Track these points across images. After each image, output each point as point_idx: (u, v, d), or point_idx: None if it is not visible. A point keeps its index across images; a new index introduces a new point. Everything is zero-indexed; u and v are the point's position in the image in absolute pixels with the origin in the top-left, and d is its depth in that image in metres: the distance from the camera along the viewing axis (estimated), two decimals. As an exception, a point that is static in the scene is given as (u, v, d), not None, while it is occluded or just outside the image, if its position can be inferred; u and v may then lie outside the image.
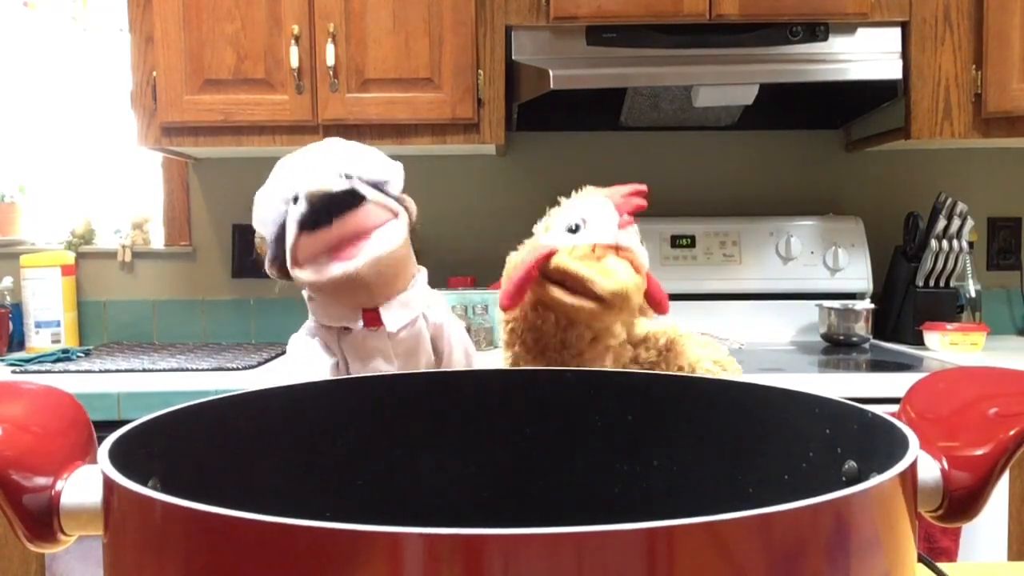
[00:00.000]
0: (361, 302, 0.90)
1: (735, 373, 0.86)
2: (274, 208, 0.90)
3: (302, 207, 0.85)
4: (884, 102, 2.04)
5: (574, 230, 0.76)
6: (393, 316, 0.91)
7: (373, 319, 0.91)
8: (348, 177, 0.87)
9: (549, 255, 0.75)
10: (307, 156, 0.92)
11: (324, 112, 1.90)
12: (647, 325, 0.88)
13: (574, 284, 0.74)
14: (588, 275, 0.73)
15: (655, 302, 0.78)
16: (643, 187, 0.82)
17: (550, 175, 2.28)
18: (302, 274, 0.87)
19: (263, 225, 0.92)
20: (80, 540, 0.38)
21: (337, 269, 0.85)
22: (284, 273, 0.91)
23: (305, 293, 0.94)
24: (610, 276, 0.72)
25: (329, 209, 0.84)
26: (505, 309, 0.80)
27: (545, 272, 0.75)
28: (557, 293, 0.75)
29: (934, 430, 0.41)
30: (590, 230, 0.76)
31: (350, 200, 0.84)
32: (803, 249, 2.16)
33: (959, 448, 0.39)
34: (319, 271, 0.86)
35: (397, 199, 0.90)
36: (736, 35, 1.90)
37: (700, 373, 0.82)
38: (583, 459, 0.54)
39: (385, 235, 0.87)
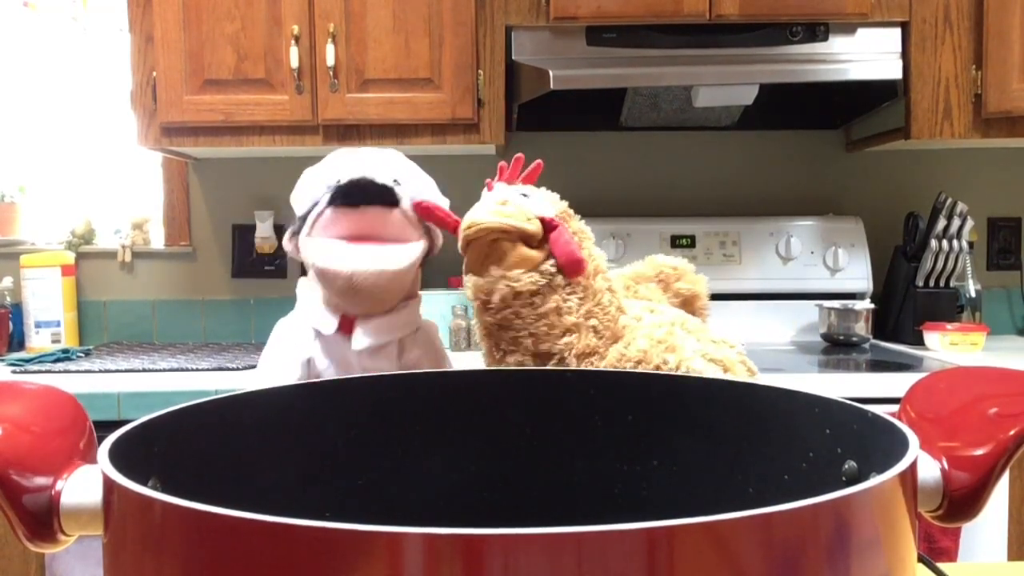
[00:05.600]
0: (346, 305, 0.90)
1: (734, 375, 0.87)
2: (315, 187, 0.92)
3: (341, 183, 0.87)
4: (884, 102, 2.04)
5: (524, 196, 0.89)
6: (364, 333, 0.90)
7: (347, 328, 0.91)
8: (396, 183, 0.90)
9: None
10: (366, 154, 0.96)
11: (324, 112, 1.90)
12: (651, 318, 0.90)
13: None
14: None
15: (561, 263, 0.85)
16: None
17: (550, 175, 2.28)
18: (311, 247, 0.88)
19: (299, 198, 0.94)
20: (80, 540, 0.38)
21: (341, 263, 0.85)
22: (298, 248, 0.93)
23: (302, 281, 0.95)
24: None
25: (365, 194, 0.86)
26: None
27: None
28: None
29: (934, 430, 0.41)
30: (534, 200, 0.89)
31: (386, 196, 0.87)
32: (803, 249, 2.16)
33: (959, 448, 0.39)
34: (327, 252, 0.87)
35: (428, 227, 0.93)
36: (736, 35, 1.90)
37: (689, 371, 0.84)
38: (583, 459, 0.54)
39: (398, 253, 0.88)
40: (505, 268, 0.84)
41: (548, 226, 0.86)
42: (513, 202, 0.87)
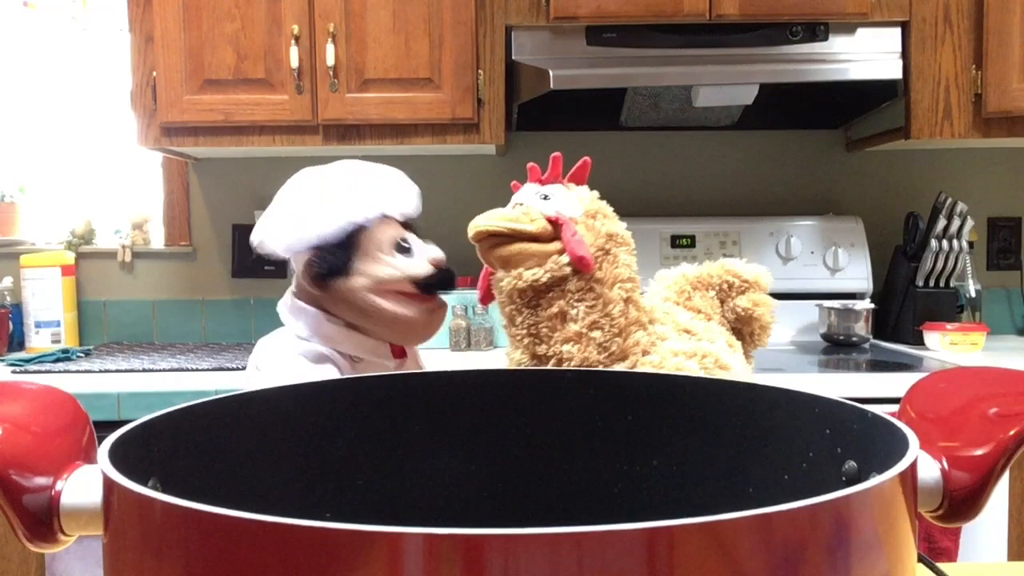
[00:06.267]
0: (404, 343, 0.99)
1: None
2: (338, 222, 0.95)
3: (424, 268, 0.96)
4: (884, 102, 2.04)
5: (545, 198, 0.87)
6: (417, 359, 1.02)
7: (398, 355, 1.00)
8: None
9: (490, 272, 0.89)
10: (380, 179, 1.00)
11: (324, 112, 1.90)
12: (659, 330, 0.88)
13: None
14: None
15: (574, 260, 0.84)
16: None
17: (550, 175, 2.28)
18: (389, 305, 0.94)
19: (315, 233, 0.95)
20: (80, 540, 0.38)
21: (420, 312, 0.95)
22: (324, 280, 0.94)
23: (329, 319, 0.96)
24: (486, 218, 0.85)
25: (447, 284, 0.98)
26: (484, 304, 0.92)
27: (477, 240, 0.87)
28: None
29: (934, 430, 0.41)
30: (555, 200, 0.87)
31: (453, 285, 0.99)
32: (803, 249, 2.16)
33: (959, 448, 0.39)
34: (408, 306, 0.95)
35: None
36: (736, 35, 1.90)
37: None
38: (583, 459, 0.54)
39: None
40: (511, 266, 0.84)
41: (556, 224, 0.85)
42: (527, 203, 0.86)
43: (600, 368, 0.83)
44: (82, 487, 0.37)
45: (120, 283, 2.30)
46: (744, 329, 0.97)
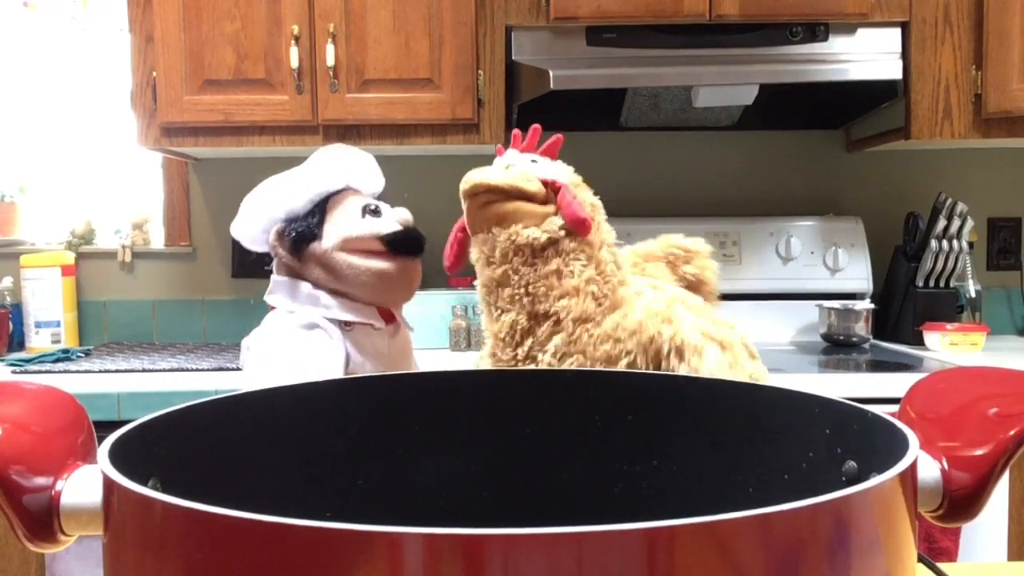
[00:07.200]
0: (385, 301, 0.99)
1: (733, 354, 0.87)
2: (306, 194, 1.00)
3: (392, 227, 0.98)
4: (884, 102, 2.04)
5: (533, 162, 0.92)
6: (407, 319, 1.03)
7: (388, 320, 1.00)
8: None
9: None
10: (343, 157, 1.03)
11: (324, 112, 1.90)
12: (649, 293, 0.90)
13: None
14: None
15: (569, 222, 0.86)
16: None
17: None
18: (360, 260, 0.96)
19: (284, 208, 1.00)
20: (80, 540, 0.38)
21: (392, 265, 0.96)
22: (297, 247, 0.98)
23: (312, 288, 0.98)
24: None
25: (415, 244, 0.98)
26: (452, 271, 0.94)
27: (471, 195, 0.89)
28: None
29: (934, 430, 0.41)
30: (543, 166, 0.91)
31: (421, 246, 0.99)
32: (803, 249, 2.16)
33: (959, 448, 0.39)
34: (379, 260, 0.96)
35: None
36: (736, 35, 1.90)
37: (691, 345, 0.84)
38: (583, 459, 0.54)
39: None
40: (504, 225, 0.86)
41: (552, 188, 0.88)
42: (518, 165, 0.89)
43: (593, 334, 0.86)
44: (82, 487, 0.37)
45: (120, 283, 2.30)
46: (695, 294, 1.03)
